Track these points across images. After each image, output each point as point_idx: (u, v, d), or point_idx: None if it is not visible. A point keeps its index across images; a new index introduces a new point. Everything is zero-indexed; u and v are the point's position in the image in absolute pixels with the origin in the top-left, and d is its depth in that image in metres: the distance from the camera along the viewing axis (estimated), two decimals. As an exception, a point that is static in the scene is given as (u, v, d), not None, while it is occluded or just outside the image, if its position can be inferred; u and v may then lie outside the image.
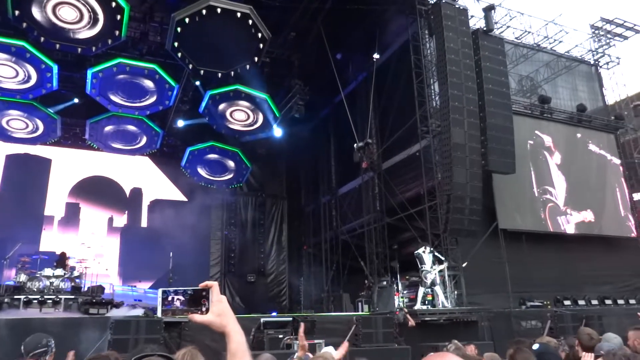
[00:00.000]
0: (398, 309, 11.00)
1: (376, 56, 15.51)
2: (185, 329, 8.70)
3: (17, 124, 16.37)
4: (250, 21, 12.48)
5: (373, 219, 15.48)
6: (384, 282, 13.70)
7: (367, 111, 15.38)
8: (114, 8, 11.88)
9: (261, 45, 13.24)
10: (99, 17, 12.17)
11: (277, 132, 17.70)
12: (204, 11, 11.98)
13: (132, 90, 15.49)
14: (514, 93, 15.54)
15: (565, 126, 16.79)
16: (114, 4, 11.77)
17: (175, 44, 12.77)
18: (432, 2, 13.16)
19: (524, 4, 18.26)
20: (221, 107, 16.23)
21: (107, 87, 15.28)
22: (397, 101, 14.76)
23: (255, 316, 10.40)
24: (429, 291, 11.39)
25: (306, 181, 21.69)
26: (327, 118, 19.33)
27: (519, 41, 17.15)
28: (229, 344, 1.49)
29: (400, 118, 14.41)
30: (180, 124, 18.23)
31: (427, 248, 11.46)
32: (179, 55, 13.09)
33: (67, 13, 12.00)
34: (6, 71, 13.98)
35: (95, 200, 20.17)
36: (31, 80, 14.35)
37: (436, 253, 11.56)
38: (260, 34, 12.88)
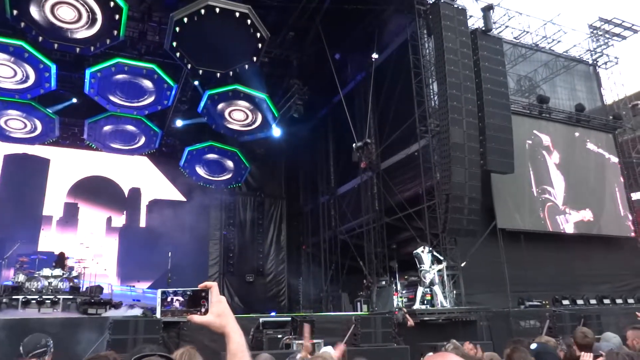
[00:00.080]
0: (397, 309, 11.01)
1: (375, 56, 15.51)
2: (183, 329, 8.69)
3: (16, 124, 16.35)
4: (248, 21, 12.46)
5: (372, 219, 15.48)
6: (383, 282, 13.72)
7: (366, 111, 15.40)
8: (113, 8, 11.85)
9: (260, 45, 13.24)
10: (98, 17, 12.14)
11: (276, 132, 17.70)
12: (203, 11, 11.96)
13: (131, 90, 15.46)
14: (513, 93, 15.54)
15: (563, 126, 16.81)
16: (113, 4, 11.74)
17: (173, 44, 12.75)
18: (431, 2, 13.15)
19: (523, 4, 18.27)
20: (220, 107, 16.22)
21: (106, 87, 15.26)
22: (396, 101, 14.76)
23: (254, 316, 10.39)
24: (428, 291, 11.40)
25: (305, 181, 21.68)
26: (326, 118, 19.33)
27: (518, 41, 17.16)
28: (229, 345, 1.49)
29: (398, 118, 14.41)
30: (178, 124, 18.22)
31: (426, 248, 11.47)
32: (178, 55, 13.07)
33: (66, 13, 11.97)
34: (4, 71, 13.95)
35: (93, 200, 20.15)
36: (29, 80, 14.33)
37: (435, 253, 11.57)
38: (258, 34, 12.87)
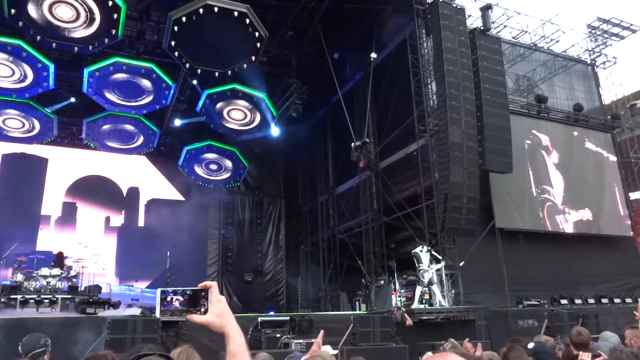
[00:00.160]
0: (395, 308, 11.02)
1: (373, 55, 15.49)
2: (182, 329, 8.69)
3: (14, 123, 16.32)
4: (247, 20, 12.44)
5: (370, 218, 15.48)
6: (382, 281, 13.72)
7: (365, 110, 15.38)
8: (111, 7, 11.83)
9: (258, 44, 13.22)
10: (96, 16, 12.11)
11: (275, 131, 17.68)
12: (201, 10, 11.94)
13: (129, 89, 15.44)
14: (511, 92, 15.55)
15: (562, 125, 16.80)
16: (111, 3, 11.72)
17: (172, 43, 12.72)
18: (430, 2, 13.14)
19: (521, 4, 18.25)
20: (218, 106, 16.21)
21: (104, 86, 15.23)
22: (395, 100, 14.76)
23: (252, 315, 10.38)
24: (427, 290, 11.43)
25: (303, 180, 21.68)
26: (325, 117, 19.32)
27: (516, 41, 17.16)
28: (229, 345, 1.48)
29: (397, 117, 14.41)
30: (177, 123, 18.21)
31: (425, 247, 11.49)
32: (176, 54, 13.05)
33: (64, 12, 11.94)
34: (2, 70, 13.93)
35: (92, 199, 20.14)
36: (27, 79, 14.31)
37: (433, 252, 11.59)
38: (257, 33, 12.85)
